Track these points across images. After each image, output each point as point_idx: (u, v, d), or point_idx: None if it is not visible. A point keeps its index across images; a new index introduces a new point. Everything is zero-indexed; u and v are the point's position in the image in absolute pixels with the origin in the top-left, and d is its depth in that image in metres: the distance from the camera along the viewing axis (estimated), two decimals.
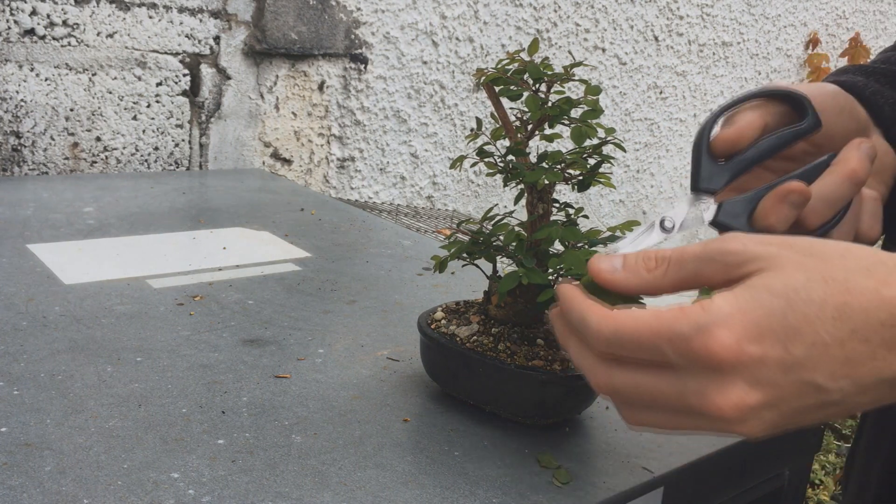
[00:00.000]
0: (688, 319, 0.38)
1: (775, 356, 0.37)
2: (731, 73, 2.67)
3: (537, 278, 0.58)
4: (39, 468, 0.52)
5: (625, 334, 0.40)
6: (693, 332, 0.38)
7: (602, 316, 0.42)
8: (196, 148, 1.58)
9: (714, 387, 0.38)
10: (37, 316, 0.76)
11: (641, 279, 0.44)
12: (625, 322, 0.40)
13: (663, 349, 0.39)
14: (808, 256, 0.39)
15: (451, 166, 0.64)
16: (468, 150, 1.88)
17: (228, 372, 0.68)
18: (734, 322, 0.37)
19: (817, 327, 0.37)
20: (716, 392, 0.38)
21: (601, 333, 0.41)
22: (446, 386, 0.65)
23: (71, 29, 1.38)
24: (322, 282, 0.93)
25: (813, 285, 0.38)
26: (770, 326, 0.37)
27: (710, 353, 0.37)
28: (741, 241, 0.41)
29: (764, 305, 0.38)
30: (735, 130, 0.51)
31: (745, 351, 0.37)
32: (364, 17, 1.76)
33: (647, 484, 0.57)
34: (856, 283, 0.38)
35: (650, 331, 0.39)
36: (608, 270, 0.45)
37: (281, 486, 0.52)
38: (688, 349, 0.38)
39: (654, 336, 0.39)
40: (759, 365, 0.37)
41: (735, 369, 0.38)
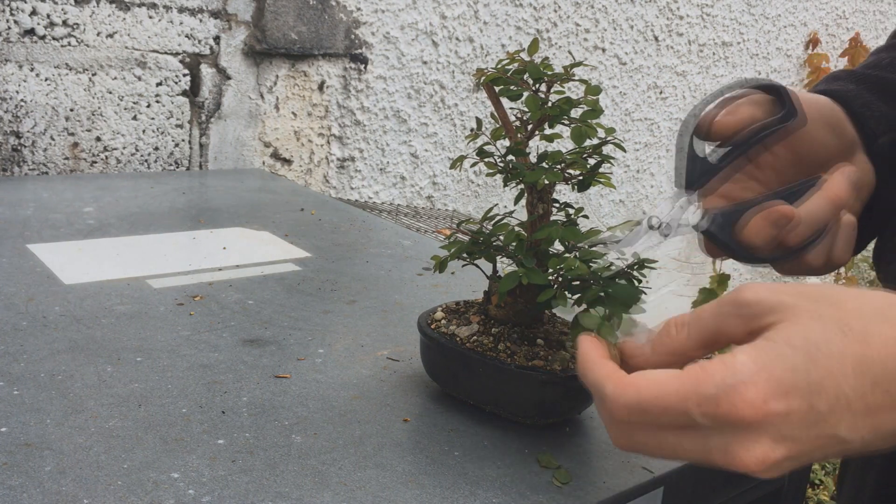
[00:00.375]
0: (713, 380, 0.38)
1: (800, 412, 0.37)
2: (731, 73, 2.67)
3: (537, 278, 0.58)
4: (39, 468, 0.52)
5: (648, 402, 0.40)
6: (720, 392, 0.38)
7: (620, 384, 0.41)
8: (196, 148, 1.58)
9: (738, 444, 0.38)
10: (37, 316, 0.76)
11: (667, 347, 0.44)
12: (648, 389, 0.40)
13: (691, 413, 0.39)
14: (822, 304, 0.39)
15: (452, 166, 0.64)
16: (468, 150, 1.88)
17: (228, 372, 0.68)
18: (760, 379, 0.37)
19: (840, 381, 0.37)
20: (740, 449, 0.38)
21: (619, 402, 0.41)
22: (446, 386, 0.65)
23: (71, 29, 1.38)
24: (322, 282, 0.93)
25: (831, 336, 0.38)
26: (794, 383, 0.37)
27: (739, 412, 0.37)
28: (754, 292, 0.41)
29: (787, 361, 0.37)
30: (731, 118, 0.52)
31: (772, 409, 0.37)
32: (364, 17, 1.76)
33: (647, 484, 0.57)
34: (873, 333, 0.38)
35: (677, 396, 0.39)
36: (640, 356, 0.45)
37: (281, 486, 0.52)
38: (716, 411, 0.38)
39: (681, 401, 0.39)
40: (785, 422, 0.37)
41: (761, 427, 0.37)
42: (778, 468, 0.39)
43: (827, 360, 0.37)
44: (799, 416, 0.37)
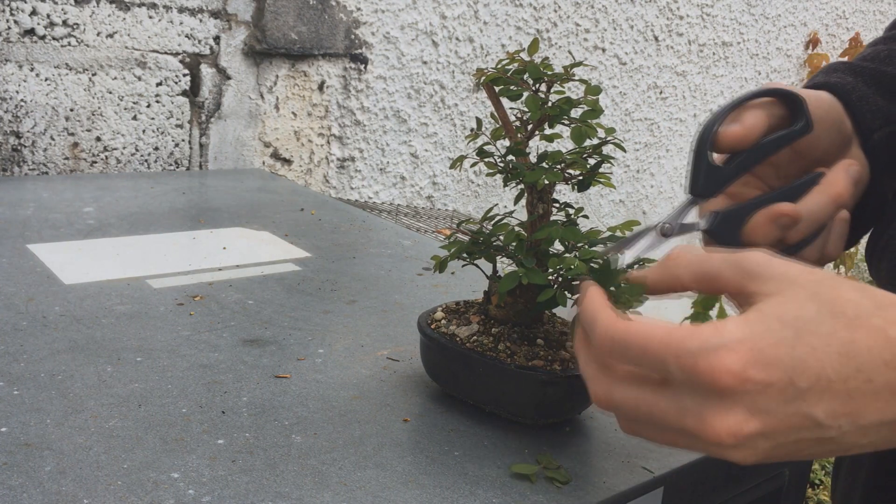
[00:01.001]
0: (699, 339, 0.38)
1: (779, 386, 0.37)
2: (731, 73, 2.67)
3: (537, 278, 0.58)
4: (39, 468, 0.52)
5: (632, 341, 0.40)
6: (701, 351, 0.38)
7: (612, 319, 0.42)
8: (196, 148, 1.58)
9: (712, 410, 0.38)
10: (37, 316, 0.76)
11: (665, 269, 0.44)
12: (636, 329, 0.40)
13: (668, 364, 0.39)
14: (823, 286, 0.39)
15: (451, 166, 0.64)
16: (468, 150, 1.88)
17: (228, 372, 0.68)
18: (743, 348, 0.37)
19: (823, 361, 0.37)
20: (713, 416, 0.38)
21: (607, 335, 0.41)
22: (446, 386, 0.65)
23: (71, 29, 1.38)
24: (322, 282, 0.93)
25: (822, 318, 0.38)
26: (777, 356, 0.37)
27: (715, 374, 0.37)
28: (765, 258, 0.41)
29: (774, 335, 0.37)
30: (743, 128, 0.51)
31: (750, 377, 0.37)
32: (364, 17, 1.76)
33: (647, 484, 0.57)
34: (864, 321, 0.38)
35: (659, 343, 0.39)
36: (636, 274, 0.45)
37: (281, 486, 0.52)
38: (693, 367, 0.38)
39: (662, 348, 0.39)
40: (761, 393, 0.37)
41: (736, 394, 0.37)
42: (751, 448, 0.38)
43: (814, 338, 0.37)
44: (777, 389, 0.37)
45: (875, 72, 0.61)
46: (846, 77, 0.60)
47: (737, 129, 0.51)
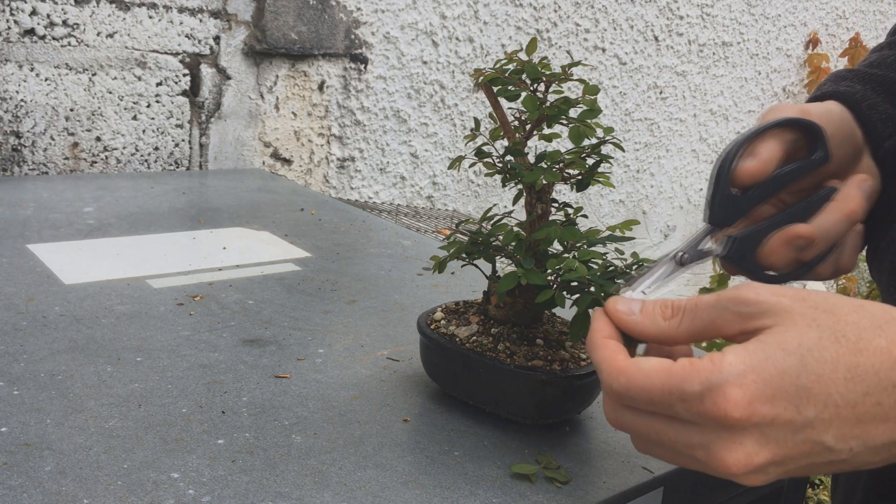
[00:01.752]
0: (699, 377, 0.38)
1: (787, 417, 0.37)
2: (731, 73, 2.67)
3: (536, 278, 0.58)
4: (39, 468, 0.52)
5: (635, 391, 0.41)
6: (705, 390, 0.37)
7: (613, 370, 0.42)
8: (196, 148, 1.58)
9: (722, 443, 0.38)
10: (37, 316, 0.76)
11: (657, 327, 0.44)
12: (636, 379, 0.41)
13: (675, 407, 0.39)
14: (820, 311, 0.39)
15: (450, 166, 0.64)
16: (468, 150, 1.88)
17: (228, 372, 0.68)
18: (747, 381, 0.37)
19: (830, 388, 0.37)
20: (723, 449, 0.38)
21: (612, 388, 0.42)
22: (446, 386, 0.65)
23: (71, 29, 1.38)
24: (322, 282, 0.93)
25: (825, 343, 0.37)
26: (782, 386, 0.37)
27: (722, 413, 0.37)
28: (755, 291, 0.40)
29: (777, 364, 0.37)
30: (759, 164, 0.51)
31: (757, 411, 0.37)
32: (364, 17, 1.76)
33: (647, 484, 0.57)
34: (867, 343, 0.37)
35: (661, 390, 0.39)
36: (625, 312, 0.45)
37: (281, 486, 0.52)
38: (700, 409, 0.38)
39: (666, 394, 0.39)
40: (769, 425, 0.37)
41: (745, 428, 0.37)
42: (763, 473, 0.38)
43: (819, 365, 0.37)
44: (785, 419, 0.37)
45: (884, 79, 0.61)
46: (855, 85, 0.60)
47: (753, 165, 0.51)
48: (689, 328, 0.43)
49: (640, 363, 0.41)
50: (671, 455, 0.42)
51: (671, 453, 0.42)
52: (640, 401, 0.41)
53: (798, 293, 0.40)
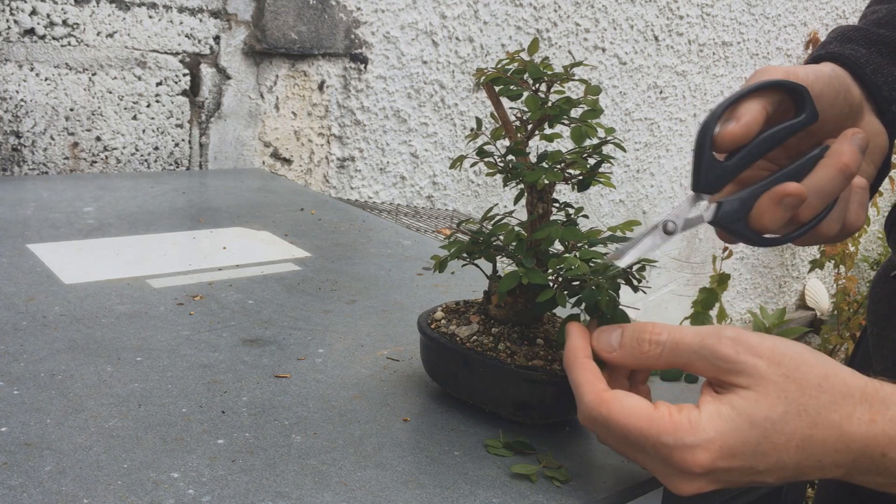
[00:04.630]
0: (675, 434, 0.44)
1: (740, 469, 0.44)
2: (731, 73, 2.67)
3: (537, 278, 0.58)
4: (39, 468, 0.52)
5: (613, 424, 0.47)
6: (677, 446, 0.44)
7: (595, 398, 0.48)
8: (196, 148, 1.58)
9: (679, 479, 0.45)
10: (37, 316, 0.76)
11: (636, 359, 0.49)
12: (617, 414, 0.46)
13: (646, 448, 0.46)
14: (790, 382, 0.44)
15: (451, 166, 0.64)
16: (468, 149, 1.88)
17: (228, 372, 0.68)
18: (714, 447, 0.43)
19: (781, 454, 0.43)
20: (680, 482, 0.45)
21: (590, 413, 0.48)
22: (446, 386, 0.65)
23: (71, 29, 1.38)
24: (322, 282, 0.93)
25: (788, 418, 0.43)
26: (742, 451, 0.44)
27: (686, 465, 0.44)
28: (734, 349, 0.45)
29: (742, 435, 0.43)
30: (741, 127, 0.51)
31: (717, 467, 0.44)
32: (364, 16, 1.76)
33: (647, 484, 0.57)
34: (823, 418, 0.43)
35: (639, 432, 0.45)
36: (606, 350, 0.51)
37: (281, 486, 0.52)
38: (668, 457, 0.45)
39: (641, 437, 0.45)
40: (725, 472, 0.44)
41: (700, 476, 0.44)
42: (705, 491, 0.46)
43: (778, 436, 0.43)
44: (739, 469, 0.44)
45: (889, 40, 0.60)
46: (859, 49, 0.59)
47: (735, 128, 0.50)
48: (667, 362, 0.48)
49: (622, 399, 0.47)
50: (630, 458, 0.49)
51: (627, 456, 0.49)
52: (615, 434, 0.47)
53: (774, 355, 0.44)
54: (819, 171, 0.52)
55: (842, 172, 0.52)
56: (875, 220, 3.27)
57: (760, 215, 0.51)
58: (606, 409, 0.47)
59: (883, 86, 0.58)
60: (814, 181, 0.52)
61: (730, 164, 0.51)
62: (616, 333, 0.50)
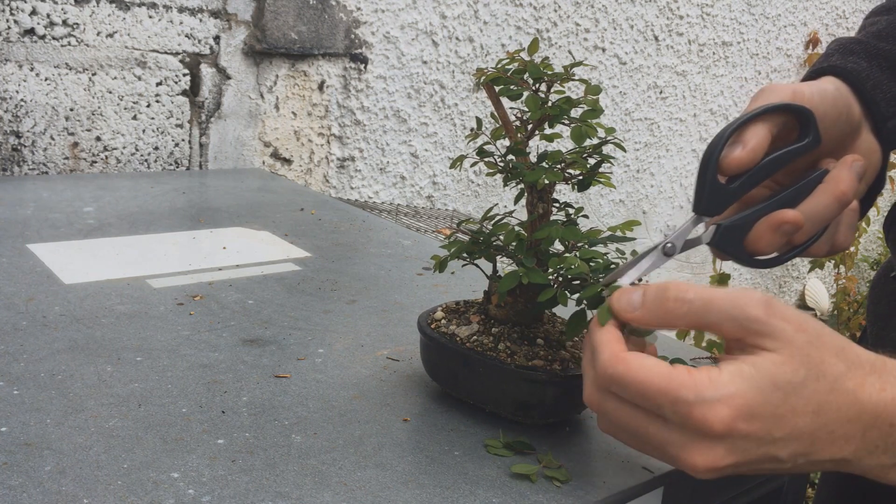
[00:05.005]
0: (696, 389, 0.43)
1: (758, 434, 0.43)
2: (731, 72, 2.67)
3: (537, 278, 0.58)
4: (39, 468, 0.52)
5: (630, 382, 0.45)
6: (697, 401, 0.42)
7: (613, 356, 0.46)
8: (196, 148, 1.58)
9: (695, 447, 0.43)
10: (37, 316, 0.76)
11: (659, 318, 0.47)
12: (636, 372, 0.44)
13: (664, 407, 0.44)
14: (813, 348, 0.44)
15: (451, 166, 0.64)
16: (468, 149, 1.88)
17: (228, 372, 0.68)
18: (735, 402, 0.42)
19: (799, 418, 0.43)
20: (695, 452, 0.43)
21: (606, 372, 0.46)
22: (446, 386, 0.65)
23: (71, 29, 1.38)
24: (322, 282, 0.93)
25: (808, 382, 0.43)
26: (762, 412, 0.43)
27: (706, 423, 0.42)
28: (766, 311, 0.44)
29: (764, 394, 0.43)
30: (746, 153, 0.51)
31: (737, 428, 0.42)
32: (364, 16, 1.76)
33: (647, 484, 0.57)
34: (840, 385, 0.44)
35: (657, 389, 0.43)
36: (627, 310, 0.48)
37: (281, 486, 0.52)
38: (687, 414, 0.43)
39: (659, 394, 0.43)
40: (742, 439, 0.43)
41: (721, 438, 0.43)
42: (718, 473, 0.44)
43: (797, 400, 0.43)
44: (756, 436, 0.43)
45: (889, 54, 0.60)
46: (860, 62, 0.59)
47: (740, 154, 0.51)
48: (692, 321, 0.46)
49: (641, 358, 0.45)
50: (638, 443, 0.47)
51: (639, 442, 0.47)
52: (631, 392, 0.45)
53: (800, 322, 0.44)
54: (816, 197, 0.53)
55: (839, 200, 0.53)
56: (875, 220, 3.27)
57: (757, 240, 0.52)
58: (624, 366, 0.45)
59: (881, 102, 0.58)
60: (811, 206, 0.53)
61: (733, 187, 0.52)
62: (638, 293, 0.48)
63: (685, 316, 0.46)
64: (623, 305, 0.48)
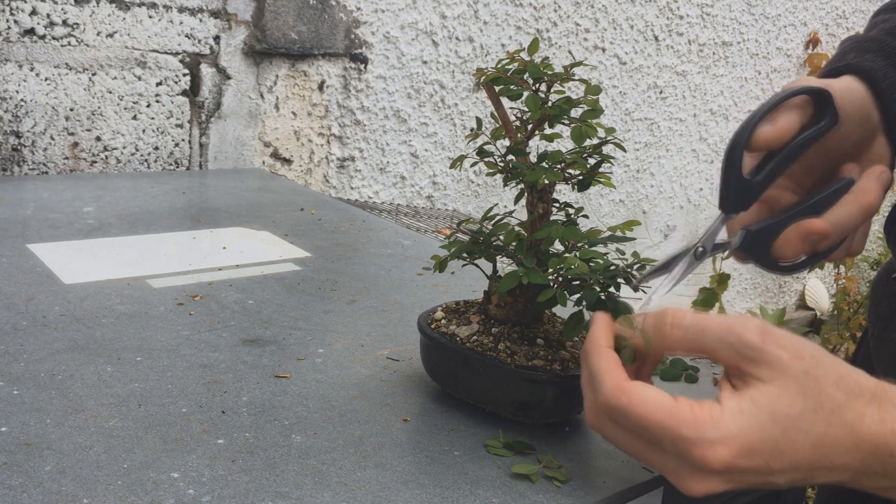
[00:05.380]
0: (697, 428, 0.43)
1: (757, 468, 0.43)
2: (731, 72, 2.67)
3: (537, 278, 0.58)
4: (39, 468, 0.52)
5: (633, 415, 0.44)
6: (698, 440, 0.42)
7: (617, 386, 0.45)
8: (196, 148, 1.58)
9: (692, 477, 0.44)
10: (37, 316, 0.76)
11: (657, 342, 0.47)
12: (638, 405, 0.44)
13: (664, 442, 0.44)
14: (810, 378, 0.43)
15: (451, 166, 0.64)
16: (468, 149, 1.88)
17: (228, 372, 0.68)
18: (735, 443, 0.42)
19: (798, 453, 0.43)
20: (692, 480, 0.44)
21: (609, 402, 0.45)
22: (446, 386, 0.65)
23: (71, 29, 1.38)
24: (322, 282, 0.93)
25: (807, 414, 0.43)
26: (762, 449, 0.43)
27: (706, 462, 0.43)
28: (761, 337, 0.44)
29: (763, 431, 0.43)
30: (777, 129, 0.51)
31: (735, 465, 0.42)
32: (364, 16, 1.76)
33: (647, 484, 0.57)
34: (838, 417, 0.43)
35: (658, 425, 0.43)
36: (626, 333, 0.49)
37: (281, 486, 0.52)
38: (688, 451, 0.43)
39: (660, 430, 0.43)
40: (741, 472, 0.43)
41: (719, 474, 0.43)
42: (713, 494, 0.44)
43: (796, 433, 0.43)
44: (755, 469, 0.43)
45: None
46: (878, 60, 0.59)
47: (771, 130, 0.51)
48: (688, 346, 0.47)
49: (642, 390, 0.45)
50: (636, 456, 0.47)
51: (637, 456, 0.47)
52: (633, 424, 0.45)
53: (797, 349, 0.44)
54: (843, 207, 0.54)
55: (865, 211, 0.54)
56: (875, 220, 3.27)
57: (784, 246, 0.53)
58: (626, 398, 0.44)
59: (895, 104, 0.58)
60: (837, 216, 0.53)
61: (757, 180, 0.52)
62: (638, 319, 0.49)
63: (681, 341, 0.46)
64: None
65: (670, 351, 0.48)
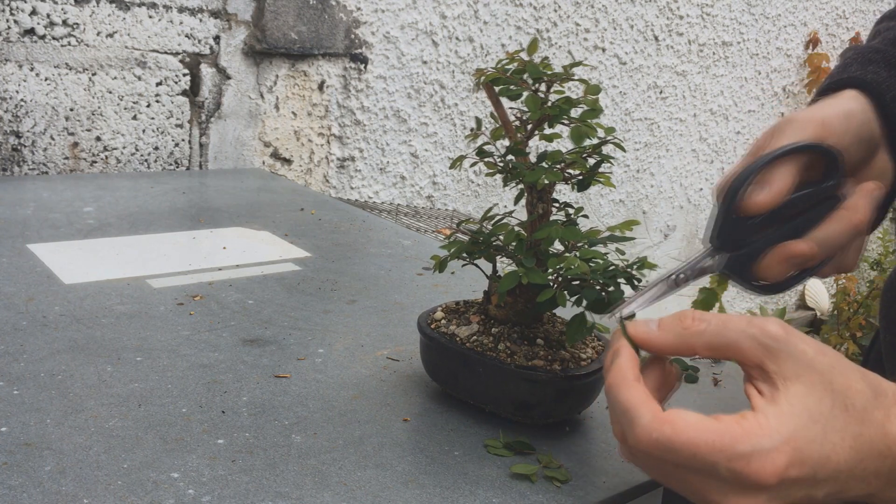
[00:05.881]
0: (751, 440, 0.40)
1: (804, 480, 0.41)
2: (731, 72, 2.67)
3: (537, 278, 0.58)
4: (39, 468, 0.52)
5: (680, 444, 0.41)
6: (753, 452, 0.40)
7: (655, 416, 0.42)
8: (196, 148, 1.58)
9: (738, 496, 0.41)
10: (37, 316, 0.76)
11: (678, 337, 0.45)
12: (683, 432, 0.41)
13: (718, 466, 0.41)
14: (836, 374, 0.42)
15: (451, 166, 0.64)
16: (468, 149, 1.88)
17: (228, 372, 0.68)
18: (788, 448, 0.40)
19: (839, 458, 0.41)
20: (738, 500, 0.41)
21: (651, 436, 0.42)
22: (446, 386, 0.65)
23: (71, 29, 1.38)
24: (322, 282, 0.93)
25: (836, 412, 0.41)
26: (811, 455, 0.41)
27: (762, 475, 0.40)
28: (786, 330, 0.42)
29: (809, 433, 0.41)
30: (769, 195, 0.50)
31: (789, 475, 0.40)
32: (364, 16, 1.76)
33: (647, 484, 0.57)
34: (868, 415, 0.42)
35: (709, 448, 0.41)
36: (644, 332, 0.46)
37: (281, 486, 0.52)
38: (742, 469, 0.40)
39: (712, 453, 0.40)
40: (790, 485, 0.41)
41: (768, 489, 0.40)
42: None
43: (834, 434, 0.41)
44: (802, 482, 0.41)
45: None
46: (881, 72, 0.58)
47: (764, 197, 0.50)
48: (709, 342, 0.44)
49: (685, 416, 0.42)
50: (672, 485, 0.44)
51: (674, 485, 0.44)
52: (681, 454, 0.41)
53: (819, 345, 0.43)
54: (832, 224, 0.52)
55: (855, 229, 0.52)
56: None
57: (767, 268, 0.51)
58: (671, 427, 0.41)
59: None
60: (824, 233, 0.52)
61: (751, 223, 0.51)
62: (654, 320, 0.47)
63: (703, 334, 0.44)
64: (640, 329, 0.46)
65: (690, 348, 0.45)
